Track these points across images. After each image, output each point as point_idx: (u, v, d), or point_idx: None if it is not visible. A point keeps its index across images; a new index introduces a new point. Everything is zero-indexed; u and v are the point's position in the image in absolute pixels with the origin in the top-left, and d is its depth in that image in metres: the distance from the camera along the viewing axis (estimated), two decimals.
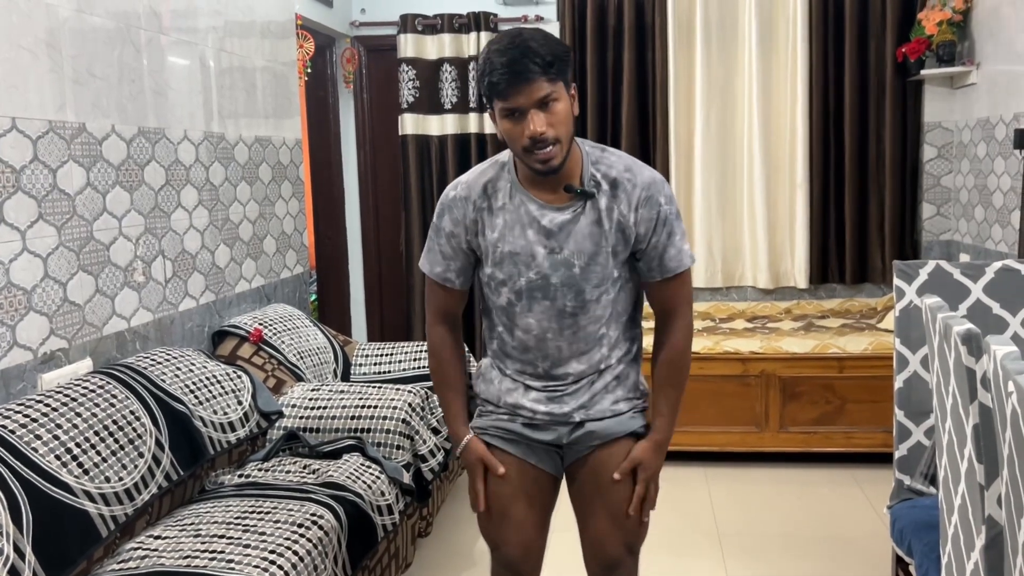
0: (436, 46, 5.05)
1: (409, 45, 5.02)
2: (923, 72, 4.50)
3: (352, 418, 3.07)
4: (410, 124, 5.07)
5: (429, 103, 5.08)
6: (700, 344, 4.12)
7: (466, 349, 2.13)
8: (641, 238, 1.87)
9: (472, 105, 5.03)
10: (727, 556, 3.25)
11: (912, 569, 2.29)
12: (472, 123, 5.05)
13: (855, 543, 3.31)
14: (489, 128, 5.02)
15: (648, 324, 2.50)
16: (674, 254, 1.90)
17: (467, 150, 5.07)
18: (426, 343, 2.10)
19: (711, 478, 4.00)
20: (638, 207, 1.85)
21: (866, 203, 4.84)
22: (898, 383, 2.48)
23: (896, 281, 2.47)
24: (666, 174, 4.91)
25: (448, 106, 5.07)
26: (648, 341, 2.12)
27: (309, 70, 4.50)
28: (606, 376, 1.95)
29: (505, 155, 1.93)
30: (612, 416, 1.96)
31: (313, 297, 5.27)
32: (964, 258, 4.49)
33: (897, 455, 2.50)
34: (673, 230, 1.89)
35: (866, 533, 3.39)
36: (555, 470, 2.02)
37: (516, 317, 1.91)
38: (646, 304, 2.03)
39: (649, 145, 4.98)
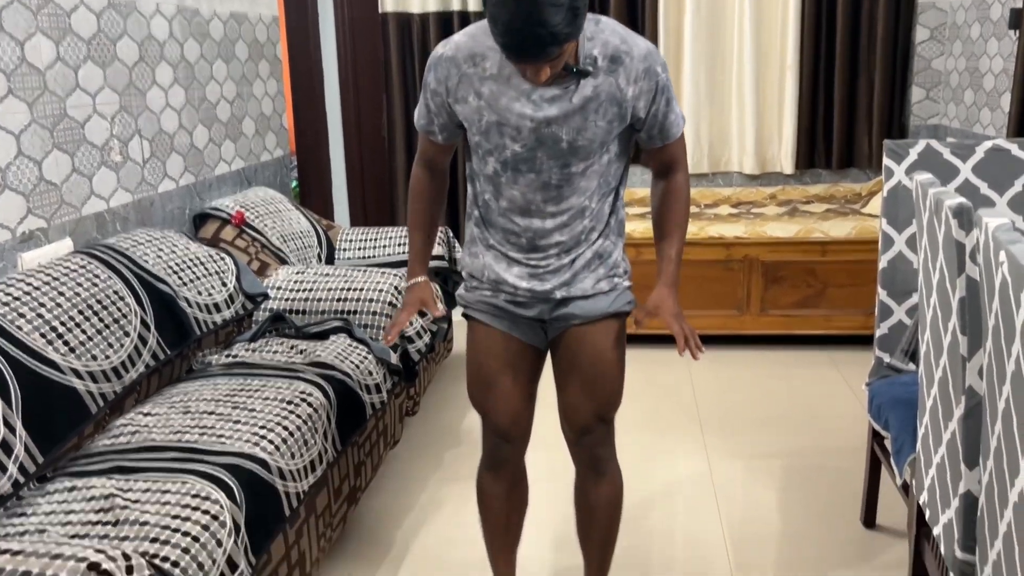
0: None
1: None
2: None
3: (338, 300, 3.07)
4: (390, 1, 4.89)
5: None
6: None
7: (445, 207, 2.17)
8: (641, 109, 1.85)
9: None
10: (706, 434, 3.33)
11: (887, 443, 2.36)
12: (455, 0, 4.88)
13: (832, 421, 3.40)
14: (473, 5, 4.86)
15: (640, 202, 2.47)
16: (673, 119, 1.92)
17: (450, 29, 4.91)
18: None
19: (691, 361, 4.07)
20: (637, 79, 1.82)
21: (855, 86, 4.77)
22: (882, 263, 2.49)
23: (885, 161, 2.45)
24: None
25: None
26: (634, 226, 2.11)
27: None
28: (587, 253, 1.95)
29: None
30: (593, 296, 1.98)
31: (294, 184, 5.19)
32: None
33: (878, 334, 2.53)
34: (670, 97, 1.89)
35: (843, 411, 3.48)
36: (539, 343, 2.05)
37: (501, 187, 1.91)
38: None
39: (638, 27, 4.84)
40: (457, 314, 2.18)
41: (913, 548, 2.04)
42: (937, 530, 1.80)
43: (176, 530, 1.74)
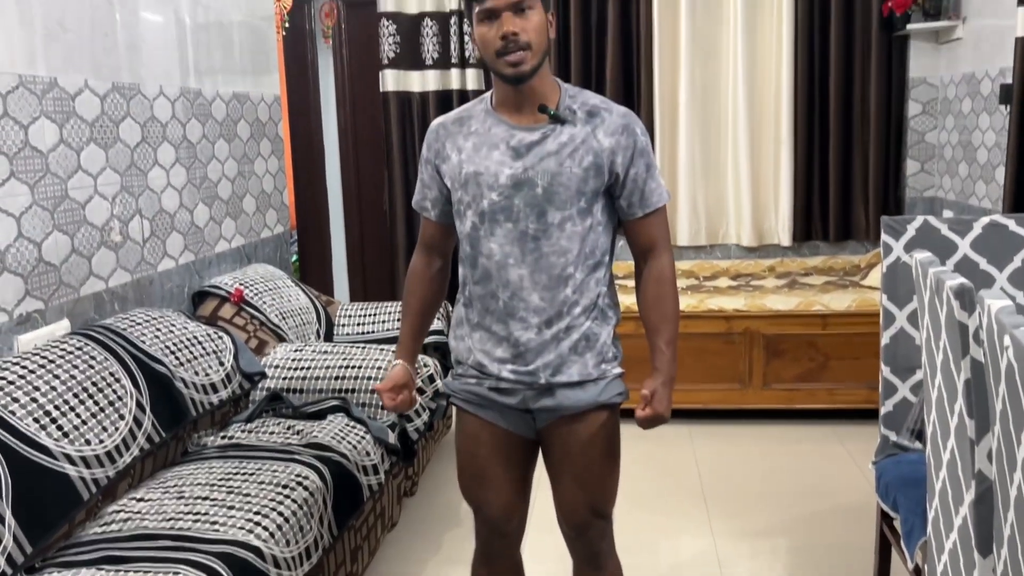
0: (417, 0, 4.94)
1: None
2: (909, 27, 4.45)
3: (336, 378, 3.04)
4: (391, 80, 4.98)
5: (410, 59, 4.99)
6: (684, 302, 4.11)
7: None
8: (619, 165, 1.85)
9: (454, 60, 4.94)
10: (712, 513, 3.26)
11: (897, 524, 2.30)
12: (454, 79, 4.96)
13: (839, 499, 3.34)
14: (472, 84, 4.94)
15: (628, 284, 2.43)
16: (654, 187, 1.90)
17: (449, 107, 4.98)
18: None
19: (695, 436, 4.02)
20: (615, 133, 1.85)
21: (850, 159, 4.82)
22: (884, 339, 2.48)
23: (883, 237, 2.46)
24: (650, 131, 4.86)
25: (429, 62, 4.98)
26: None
27: (287, 25, 4.40)
28: (573, 334, 1.87)
29: (488, 93, 1.94)
30: (579, 384, 1.89)
31: (294, 258, 5.21)
32: (948, 214, 4.49)
33: (883, 411, 2.50)
34: (651, 163, 1.89)
35: (850, 489, 3.42)
36: (529, 432, 1.97)
37: (479, 243, 1.88)
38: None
39: (633, 102, 4.91)
40: None
41: None
42: None
43: None
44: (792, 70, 4.70)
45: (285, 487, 2.29)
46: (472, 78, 4.93)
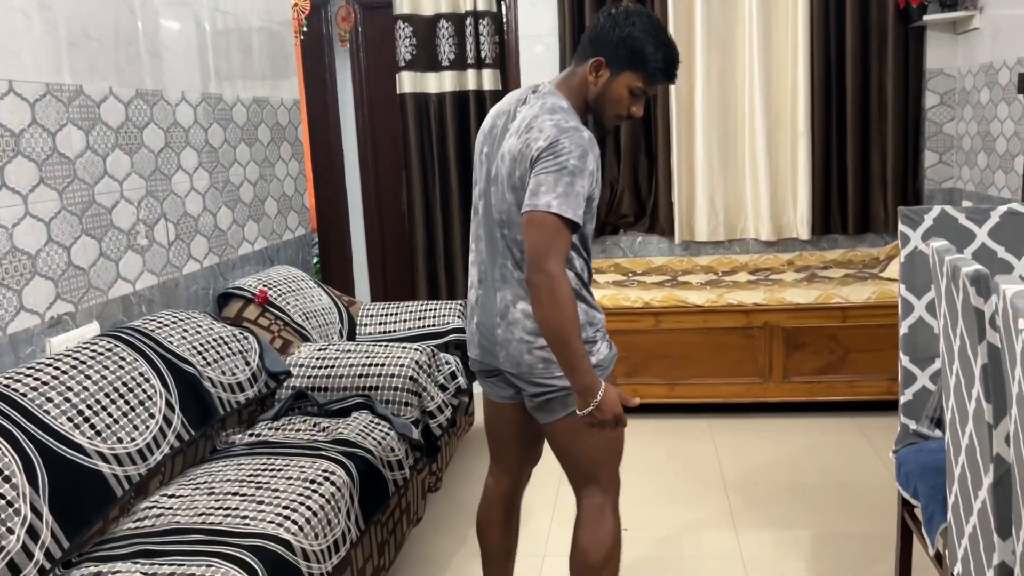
0: (432, 2, 4.98)
1: (405, 1, 4.95)
2: (925, 18, 4.45)
3: (360, 376, 3.08)
4: (408, 82, 5.02)
5: (426, 60, 5.03)
6: (703, 297, 4.13)
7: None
8: None
9: (470, 61, 4.97)
10: (734, 506, 3.28)
11: (918, 512, 2.32)
12: (471, 80, 5.00)
13: (860, 489, 3.35)
14: (488, 84, 4.97)
15: None
16: None
17: (466, 107, 5.03)
18: (545, 291, 1.87)
19: (716, 430, 4.04)
20: None
21: (868, 152, 4.82)
22: (903, 329, 2.49)
23: (901, 227, 2.47)
24: (667, 128, 4.88)
25: (446, 63, 5.02)
26: (654, 295, 2.11)
27: (305, 29, 4.45)
28: None
29: (564, 102, 2.06)
30: None
31: (316, 260, 5.26)
32: (967, 204, 4.48)
33: (902, 400, 2.51)
34: None
35: (871, 479, 3.43)
36: None
37: (592, 238, 2.17)
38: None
39: (649, 99, 4.93)
40: (477, 387, 2.23)
41: None
42: None
43: None
44: (808, 63, 4.70)
45: (312, 482, 2.33)
46: (488, 78, 4.97)
